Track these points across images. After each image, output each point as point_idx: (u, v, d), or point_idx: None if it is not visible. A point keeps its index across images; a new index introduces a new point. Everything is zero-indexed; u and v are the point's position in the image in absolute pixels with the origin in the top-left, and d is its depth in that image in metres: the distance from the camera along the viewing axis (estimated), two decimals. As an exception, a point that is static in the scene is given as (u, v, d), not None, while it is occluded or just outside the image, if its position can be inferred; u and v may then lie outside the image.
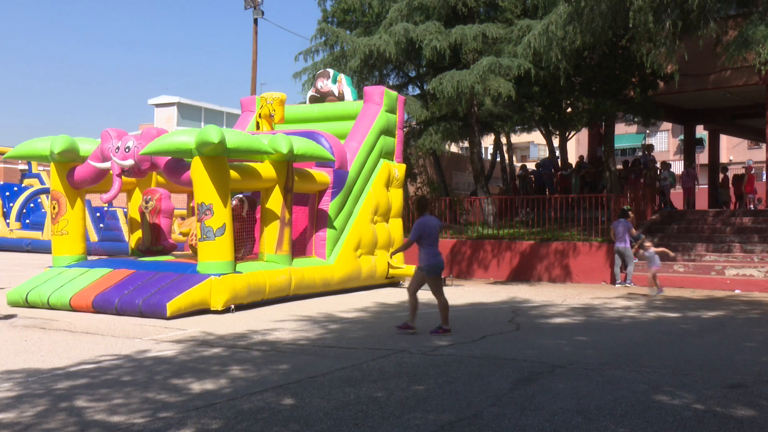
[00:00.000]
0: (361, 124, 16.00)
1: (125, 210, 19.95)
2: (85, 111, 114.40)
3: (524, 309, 12.33)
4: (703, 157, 35.15)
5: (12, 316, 11.14)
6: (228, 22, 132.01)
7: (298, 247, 14.25)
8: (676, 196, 23.74)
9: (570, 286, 17.12)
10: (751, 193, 23.43)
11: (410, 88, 24.16)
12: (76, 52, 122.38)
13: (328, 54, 21.58)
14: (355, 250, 15.25)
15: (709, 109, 24.84)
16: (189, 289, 11.07)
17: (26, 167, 34.73)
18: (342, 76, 17.49)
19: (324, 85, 17.33)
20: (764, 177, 33.01)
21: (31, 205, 29.01)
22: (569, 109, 22.32)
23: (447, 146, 24.85)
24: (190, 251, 13.56)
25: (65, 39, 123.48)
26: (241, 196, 13.44)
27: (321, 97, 17.31)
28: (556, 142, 27.50)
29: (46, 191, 27.89)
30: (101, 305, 11.25)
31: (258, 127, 15.75)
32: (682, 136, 39.07)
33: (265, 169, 12.81)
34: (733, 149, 48.81)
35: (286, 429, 5.06)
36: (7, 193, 29.13)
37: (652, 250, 14.46)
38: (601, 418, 5.32)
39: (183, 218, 15.82)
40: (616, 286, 16.62)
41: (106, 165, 12.41)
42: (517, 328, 10.03)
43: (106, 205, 19.75)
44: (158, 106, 45.39)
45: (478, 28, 19.11)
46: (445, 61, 19.49)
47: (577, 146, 43.11)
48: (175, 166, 12.10)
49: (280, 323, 10.31)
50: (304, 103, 18.45)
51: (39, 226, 27.46)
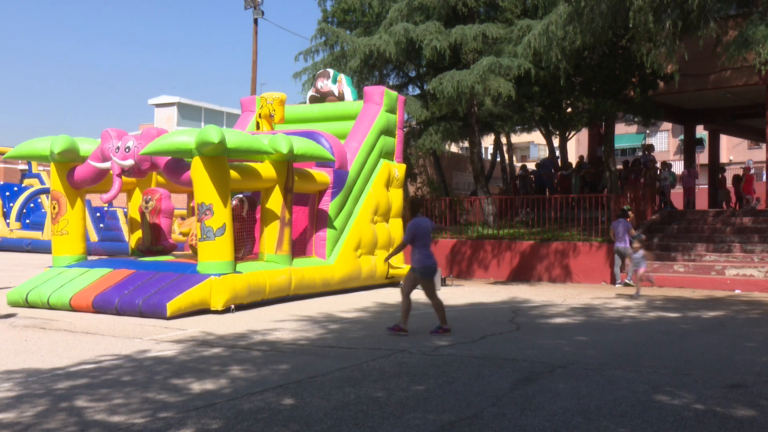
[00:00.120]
0: (361, 124, 16.00)
1: (125, 210, 19.95)
2: (85, 111, 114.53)
3: (524, 309, 12.33)
4: (703, 157, 35.14)
5: (11, 316, 11.14)
6: (228, 22, 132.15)
7: (298, 247, 14.26)
8: (676, 196, 23.73)
9: (570, 286, 17.12)
10: (749, 194, 23.43)
11: (410, 88, 24.16)
12: (76, 52, 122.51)
13: (328, 54, 21.58)
14: (355, 250, 15.26)
15: (709, 109, 24.83)
16: (189, 289, 11.07)
17: (26, 167, 34.74)
18: (342, 76, 17.49)
19: (324, 85, 17.34)
20: (764, 177, 33.00)
21: (31, 205, 29.02)
22: (569, 109, 22.31)
23: (447, 146, 24.84)
24: (190, 251, 13.56)
25: (65, 39, 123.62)
26: (241, 196, 13.44)
27: (321, 97, 17.31)
28: (556, 142, 27.48)
29: (46, 191, 27.89)
30: (101, 305, 11.25)
31: (258, 127, 15.75)
32: (682, 136, 39.06)
33: (265, 169, 12.81)
34: (733, 149, 48.80)
35: (286, 429, 5.06)
36: (7, 193, 29.15)
37: (641, 253, 14.35)
38: (601, 418, 5.32)
39: (183, 218, 15.83)
40: (617, 286, 16.62)
41: (106, 165, 12.41)
42: (518, 328, 10.03)
43: (106, 205, 19.76)
44: (158, 106, 45.39)
45: (478, 28, 19.11)
46: (445, 61, 19.48)
47: (577, 146, 43.10)
48: (175, 166, 12.10)
49: (280, 323, 10.31)
50: (304, 103, 18.45)
51: (39, 226, 27.46)
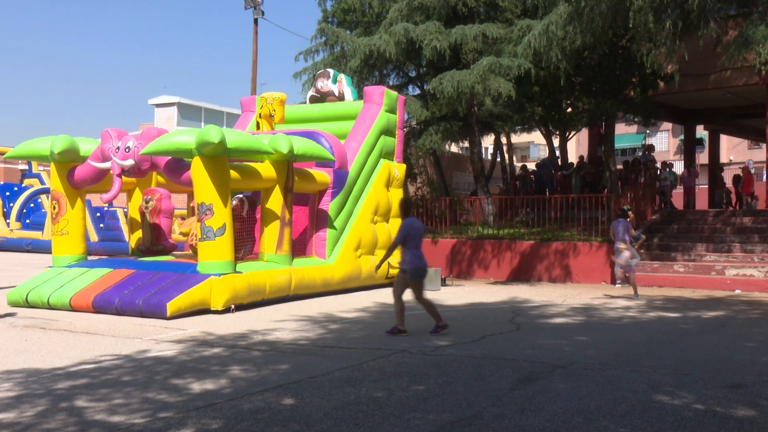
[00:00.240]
0: (362, 124, 16.00)
1: (125, 210, 19.95)
2: (85, 111, 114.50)
3: (524, 309, 12.33)
4: (703, 157, 35.14)
5: (11, 315, 11.15)
6: (228, 22, 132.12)
7: (299, 247, 14.26)
8: (677, 196, 23.73)
9: (570, 286, 17.12)
10: (748, 194, 23.44)
11: (410, 88, 24.15)
12: (76, 52, 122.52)
13: (328, 54, 21.58)
14: (355, 250, 15.26)
15: (710, 109, 24.82)
16: (189, 289, 11.07)
17: (26, 167, 34.74)
18: (342, 76, 17.49)
19: (324, 85, 17.34)
20: (764, 177, 33.00)
21: (32, 205, 29.02)
22: (569, 109, 22.31)
23: (447, 146, 24.82)
24: (190, 251, 13.56)
25: (66, 39, 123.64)
26: (241, 196, 13.44)
27: (321, 97, 17.31)
28: (556, 142, 27.48)
29: (47, 191, 27.89)
30: (101, 305, 11.25)
31: (258, 127, 15.76)
32: (682, 136, 39.07)
33: (266, 169, 12.81)
34: (734, 149, 48.81)
35: (287, 429, 5.06)
36: (8, 193, 29.15)
37: (627, 254, 14.09)
38: (602, 418, 5.32)
39: (183, 218, 15.84)
40: (617, 286, 16.62)
41: (107, 165, 12.42)
42: (518, 328, 10.03)
43: (107, 205, 19.76)
44: (158, 106, 45.40)
45: (478, 28, 19.10)
46: (446, 61, 19.48)
47: (577, 146, 43.09)
48: (176, 166, 12.10)
49: (281, 323, 10.31)
50: (305, 103, 18.45)
51: (39, 226, 27.46)
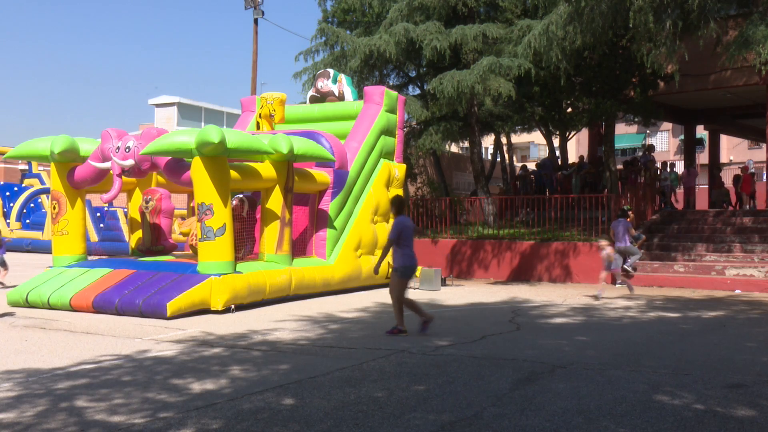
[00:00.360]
0: (362, 124, 16.00)
1: (125, 210, 19.95)
2: (85, 111, 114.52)
3: (524, 309, 12.33)
4: (703, 157, 35.15)
5: (9, 314, 11.16)
6: (228, 22, 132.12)
7: (299, 247, 14.26)
8: (677, 196, 23.72)
9: (570, 286, 17.11)
10: (748, 194, 23.45)
11: (410, 88, 24.16)
12: (76, 52, 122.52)
13: (329, 54, 21.58)
14: (355, 250, 15.26)
15: (710, 109, 24.82)
16: (189, 289, 11.07)
17: (26, 167, 34.76)
18: (342, 76, 17.49)
19: (324, 85, 17.33)
20: (764, 177, 33.00)
21: (32, 205, 29.04)
22: (569, 109, 22.31)
23: (447, 146, 24.84)
24: (191, 251, 13.56)
25: (66, 39, 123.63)
26: (241, 196, 13.44)
27: (321, 97, 17.31)
28: (556, 142, 27.49)
29: (47, 191, 27.91)
30: (101, 305, 11.25)
31: (258, 127, 15.75)
32: (682, 136, 39.07)
33: (266, 169, 12.81)
34: (734, 149, 48.82)
35: (287, 429, 5.06)
36: (8, 193, 29.17)
37: (608, 250, 13.94)
38: (602, 418, 5.32)
39: (183, 218, 15.83)
40: (617, 286, 16.61)
41: (107, 165, 12.42)
42: (518, 328, 10.03)
43: (107, 205, 19.77)
44: (158, 106, 45.41)
45: (479, 28, 19.10)
46: (446, 61, 19.48)
47: (577, 146, 43.09)
48: (176, 166, 12.10)
49: (281, 323, 10.31)
50: (305, 103, 18.45)
51: (39, 226, 27.48)
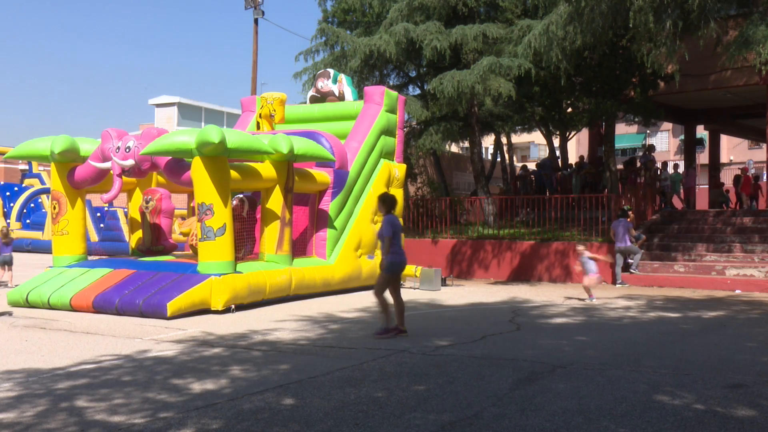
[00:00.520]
0: (362, 124, 16.00)
1: (126, 210, 19.95)
2: (86, 111, 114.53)
3: (525, 309, 12.33)
4: (703, 157, 35.14)
5: (8, 314, 11.17)
6: (228, 22, 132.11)
7: (299, 247, 14.26)
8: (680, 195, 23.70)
9: (570, 286, 17.10)
10: (748, 195, 23.47)
11: (410, 88, 24.15)
12: (76, 52, 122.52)
13: (329, 54, 21.58)
14: (355, 250, 15.25)
15: (710, 109, 24.82)
16: (189, 289, 11.07)
17: (27, 167, 34.77)
18: (342, 76, 17.48)
19: (324, 85, 17.33)
20: (764, 177, 32.99)
21: (32, 205, 29.04)
22: (569, 109, 22.30)
23: (447, 146, 24.83)
24: (191, 251, 13.56)
25: (65, 39, 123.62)
26: (241, 196, 13.44)
27: (321, 97, 17.31)
28: (556, 142, 27.48)
29: (47, 191, 27.91)
30: (101, 305, 11.26)
31: (258, 127, 15.75)
32: (682, 136, 39.06)
33: (266, 169, 12.81)
34: (734, 149, 48.82)
35: (287, 429, 5.06)
36: (8, 193, 29.17)
37: (587, 255, 13.81)
38: (602, 419, 5.32)
39: (183, 218, 15.84)
40: (617, 286, 16.62)
41: (107, 165, 12.42)
42: (518, 328, 10.03)
43: (107, 205, 19.76)
44: (159, 106, 45.41)
45: (479, 28, 19.10)
46: (446, 61, 19.47)
47: (577, 146, 43.09)
48: (176, 166, 12.10)
49: (281, 323, 10.31)
50: (305, 103, 18.45)
51: (39, 226, 27.48)
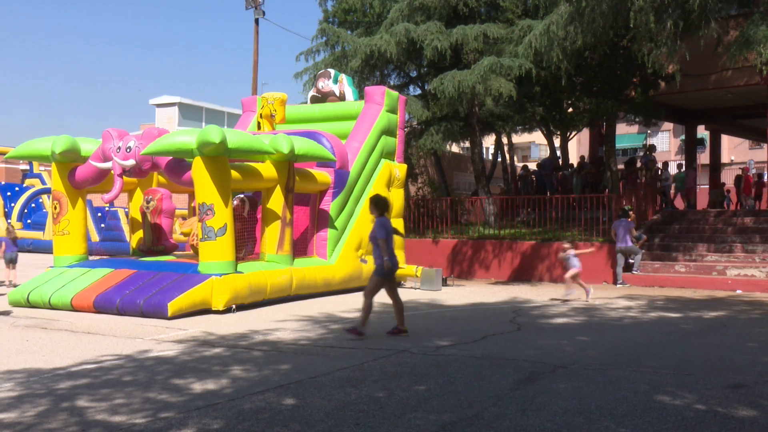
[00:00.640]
0: (362, 124, 16.00)
1: (126, 210, 19.95)
2: (86, 111, 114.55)
3: (525, 309, 12.33)
4: (704, 157, 35.13)
5: (7, 313, 11.17)
6: (229, 23, 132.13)
7: (300, 247, 14.26)
8: (677, 196, 23.72)
9: (570, 286, 17.06)
10: (748, 195, 23.49)
11: (411, 88, 24.16)
12: (76, 52, 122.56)
13: (329, 54, 21.59)
14: (356, 250, 15.25)
15: (710, 109, 24.81)
16: (190, 289, 11.08)
17: (27, 167, 34.76)
18: (343, 76, 17.49)
19: (325, 85, 17.33)
20: (765, 177, 33.00)
21: (33, 205, 29.05)
22: (570, 109, 22.31)
23: (448, 146, 24.85)
24: (192, 251, 13.57)
25: (65, 39, 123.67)
26: (242, 196, 13.45)
27: (322, 97, 17.31)
28: (557, 143, 27.49)
29: (48, 191, 27.92)
30: (102, 305, 11.26)
31: (259, 127, 15.76)
32: (683, 136, 39.06)
33: (267, 169, 12.81)
34: (735, 149, 48.80)
35: (287, 429, 5.06)
36: (9, 193, 29.17)
37: (571, 252, 13.92)
38: (603, 419, 5.32)
39: (184, 218, 15.86)
40: (618, 286, 16.62)
41: (108, 165, 12.42)
42: (518, 328, 10.03)
43: (108, 205, 19.77)
44: (159, 106, 45.43)
45: (479, 28, 19.10)
46: (446, 61, 19.48)
47: (578, 146, 43.10)
48: (177, 166, 12.11)
49: (282, 323, 10.31)
50: (305, 103, 18.45)
51: (40, 226, 27.49)
